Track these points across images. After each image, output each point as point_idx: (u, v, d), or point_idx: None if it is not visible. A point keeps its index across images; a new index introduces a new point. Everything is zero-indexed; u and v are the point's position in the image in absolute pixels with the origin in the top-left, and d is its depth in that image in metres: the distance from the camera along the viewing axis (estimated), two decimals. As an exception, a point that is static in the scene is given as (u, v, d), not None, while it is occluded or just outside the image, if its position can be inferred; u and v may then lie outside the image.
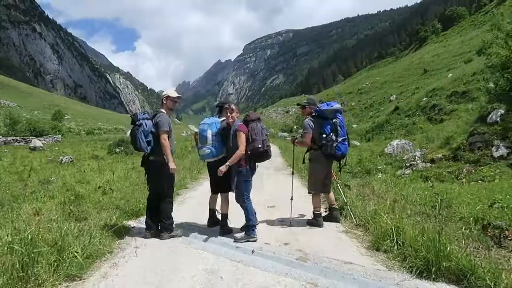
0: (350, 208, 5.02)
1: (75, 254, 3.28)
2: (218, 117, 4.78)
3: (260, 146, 4.22)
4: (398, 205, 5.05)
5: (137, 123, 4.22)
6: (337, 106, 4.88)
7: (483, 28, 60.48)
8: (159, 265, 3.48)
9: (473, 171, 7.28)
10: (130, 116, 4.50)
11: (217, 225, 4.76)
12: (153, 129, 4.26)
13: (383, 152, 12.10)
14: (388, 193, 5.91)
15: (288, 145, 24.33)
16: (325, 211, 5.27)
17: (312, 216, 4.96)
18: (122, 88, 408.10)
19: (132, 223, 5.13)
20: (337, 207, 5.15)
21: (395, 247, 3.46)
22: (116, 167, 11.80)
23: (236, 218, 4.65)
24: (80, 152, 19.36)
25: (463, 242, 3.30)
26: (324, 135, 4.71)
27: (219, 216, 4.89)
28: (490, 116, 8.09)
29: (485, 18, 68.45)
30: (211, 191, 4.86)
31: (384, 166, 9.24)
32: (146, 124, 4.22)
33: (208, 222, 4.98)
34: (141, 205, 5.59)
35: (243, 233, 4.31)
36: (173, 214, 4.58)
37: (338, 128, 4.75)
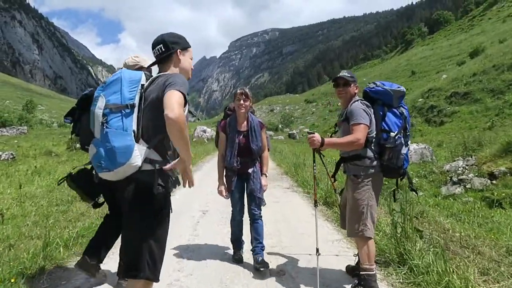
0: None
1: None
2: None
3: None
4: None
5: None
6: (402, 88, 2.72)
7: (470, 32, 60.13)
8: None
9: None
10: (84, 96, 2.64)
11: None
12: None
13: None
14: (480, 240, 3.36)
15: (277, 144, 21.60)
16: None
17: (357, 281, 2.64)
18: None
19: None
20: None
21: None
22: (57, 169, 8.89)
23: None
24: (37, 146, 16.49)
25: None
26: (392, 134, 2.54)
27: None
28: None
29: (473, 22, 68.54)
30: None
31: (417, 179, 6.74)
32: None
33: None
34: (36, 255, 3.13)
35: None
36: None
37: (407, 124, 2.68)
